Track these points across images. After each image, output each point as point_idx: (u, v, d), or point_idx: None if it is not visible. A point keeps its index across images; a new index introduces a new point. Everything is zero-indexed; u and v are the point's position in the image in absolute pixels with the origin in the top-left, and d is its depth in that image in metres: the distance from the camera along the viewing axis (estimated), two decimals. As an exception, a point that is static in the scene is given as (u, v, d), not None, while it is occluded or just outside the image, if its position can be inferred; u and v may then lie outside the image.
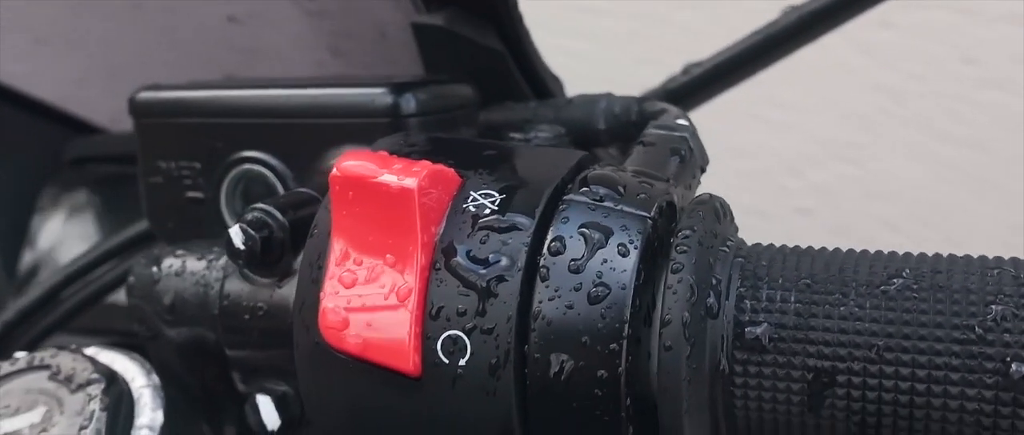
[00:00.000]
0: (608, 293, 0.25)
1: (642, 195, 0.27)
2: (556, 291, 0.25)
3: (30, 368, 0.34)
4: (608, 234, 0.26)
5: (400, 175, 0.26)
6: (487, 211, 0.27)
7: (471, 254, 0.26)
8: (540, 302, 0.25)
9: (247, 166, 0.38)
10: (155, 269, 0.34)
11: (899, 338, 0.24)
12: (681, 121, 0.34)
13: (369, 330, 0.26)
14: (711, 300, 0.25)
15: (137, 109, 0.40)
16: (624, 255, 0.25)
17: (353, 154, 0.27)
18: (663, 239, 0.27)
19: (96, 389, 0.32)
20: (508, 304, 0.25)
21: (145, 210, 0.41)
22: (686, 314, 0.25)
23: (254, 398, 0.31)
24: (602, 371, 0.24)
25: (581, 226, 0.26)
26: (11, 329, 0.48)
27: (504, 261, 0.26)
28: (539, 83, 0.43)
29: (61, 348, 0.34)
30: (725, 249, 0.27)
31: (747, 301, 0.25)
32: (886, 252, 0.26)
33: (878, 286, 0.25)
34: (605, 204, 0.26)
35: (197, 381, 0.36)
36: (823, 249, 0.27)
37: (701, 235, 0.26)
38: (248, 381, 0.32)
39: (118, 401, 0.32)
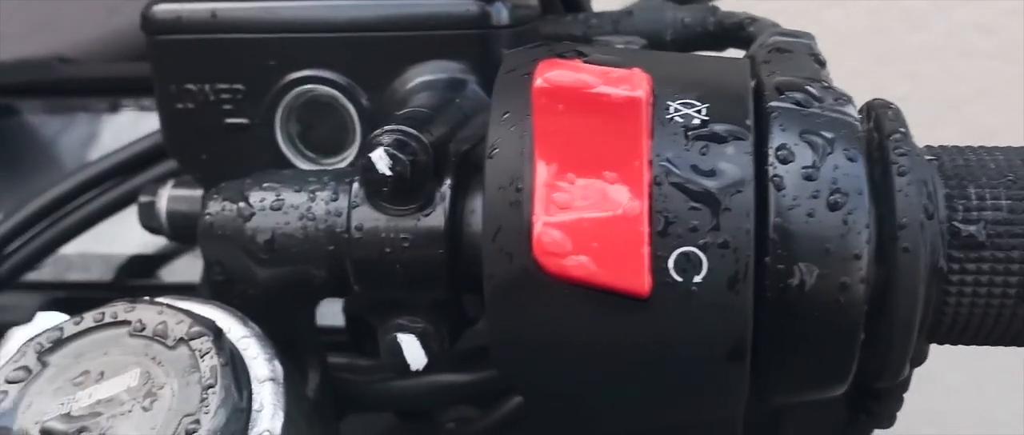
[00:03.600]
0: (846, 199, 0.24)
1: (840, 99, 0.26)
2: (794, 200, 0.24)
3: (100, 326, 0.29)
4: (831, 140, 0.25)
5: (621, 85, 0.24)
6: (696, 121, 0.25)
7: (695, 167, 0.25)
8: (779, 212, 0.24)
9: (309, 86, 0.34)
10: (242, 205, 0.30)
11: None
12: (778, 27, 0.34)
13: (596, 252, 0.24)
14: (927, 201, 0.26)
15: (155, 25, 0.34)
16: (852, 160, 0.25)
17: (549, 63, 0.25)
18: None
19: (205, 343, 0.28)
20: (745, 216, 0.24)
21: (166, 139, 0.36)
22: (921, 216, 0.25)
23: (394, 338, 0.29)
24: (845, 278, 0.24)
25: (802, 133, 0.25)
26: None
27: (732, 172, 0.25)
28: (572, -6, 0.42)
29: (133, 300, 0.29)
30: (918, 153, 0.27)
31: (957, 201, 0.26)
32: None
33: None
34: (813, 110, 0.26)
35: (282, 327, 0.33)
36: (1001, 147, 0.28)
37: (909, 137, 0.26)
38: (381, 320, 0.29)
39: (231, 355, 0.28)
